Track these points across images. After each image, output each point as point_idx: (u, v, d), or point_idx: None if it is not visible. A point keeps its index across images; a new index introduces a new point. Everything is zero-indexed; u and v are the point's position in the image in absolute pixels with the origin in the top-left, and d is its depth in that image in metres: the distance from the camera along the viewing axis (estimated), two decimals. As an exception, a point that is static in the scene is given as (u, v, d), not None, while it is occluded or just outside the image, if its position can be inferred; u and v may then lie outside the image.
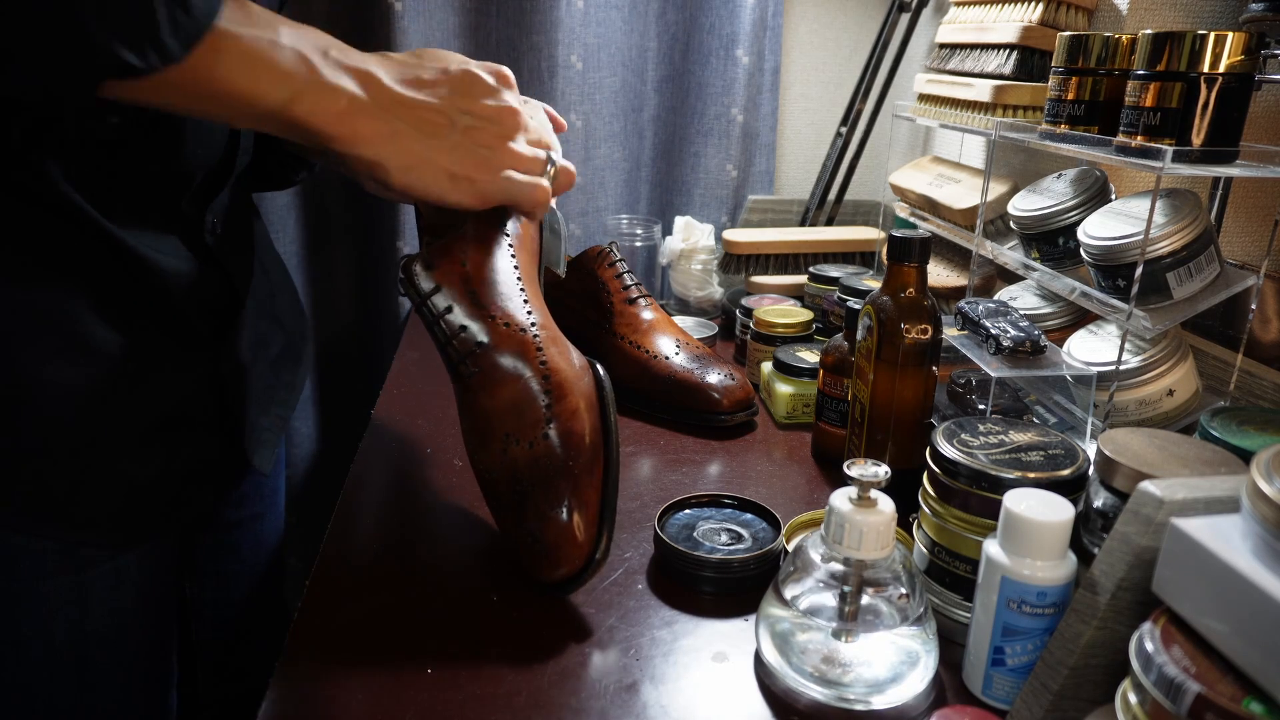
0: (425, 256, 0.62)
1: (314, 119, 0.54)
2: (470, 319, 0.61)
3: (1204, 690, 0.36)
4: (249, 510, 0.85)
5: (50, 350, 0.58)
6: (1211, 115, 0.66)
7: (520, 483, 0.58)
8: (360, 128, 0.56)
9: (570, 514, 0.57)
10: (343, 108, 0.55)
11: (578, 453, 0.58)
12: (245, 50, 0.50)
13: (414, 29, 1.17)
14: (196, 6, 0.47)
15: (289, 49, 0.52)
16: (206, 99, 0.51)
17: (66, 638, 0.63)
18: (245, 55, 0.50)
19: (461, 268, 0.62)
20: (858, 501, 0.52)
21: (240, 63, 0.50)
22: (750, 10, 1.29)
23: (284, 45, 0.52)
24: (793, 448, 0.85)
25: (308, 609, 0.58)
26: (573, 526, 0.57)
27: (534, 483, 0.58)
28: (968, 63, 0.99)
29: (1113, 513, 0.51)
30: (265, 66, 0.51)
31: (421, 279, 0.61)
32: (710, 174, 1.37)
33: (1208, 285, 0.71)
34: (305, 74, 0.53)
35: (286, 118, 0.53)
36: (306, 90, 0.53)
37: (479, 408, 0.60)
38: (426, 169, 0.59)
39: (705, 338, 1.02)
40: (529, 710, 0.51)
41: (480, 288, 0.62)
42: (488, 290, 0.62)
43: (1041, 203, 0.84)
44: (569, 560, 0.57)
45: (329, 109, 0.54)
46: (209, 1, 0.48)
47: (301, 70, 0.53)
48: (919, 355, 0.68)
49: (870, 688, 0.52)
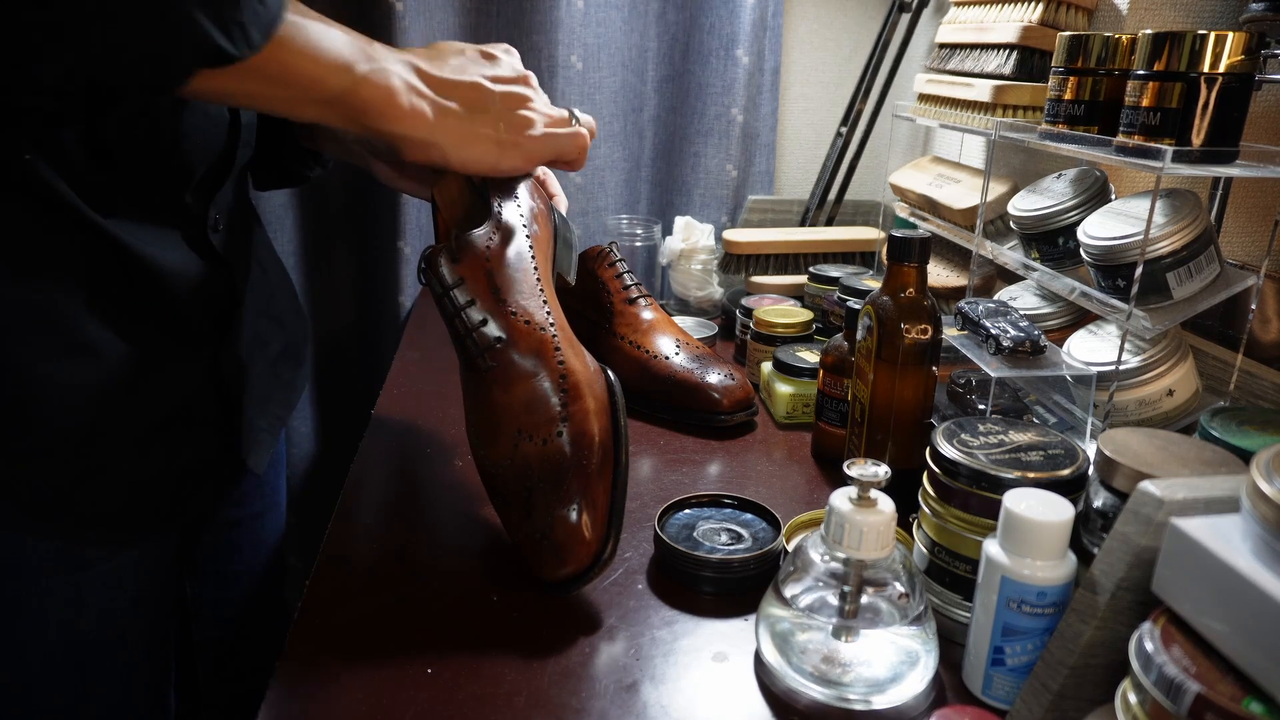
0: (451, 249, 0.63)
1: (376, 103, 0.57)
2: (491, 314, 0.62)
3: (1204, 690, 0.36)
4: (249, 510, 0.85)
5: (49, 348, 0.58)
6: (1211, 115, 0.66)
7: (530, 479, 0.58)
8: (417, 109, 0.59)
9: (580, 514, 0.58)
10: (400, 90, 0.58)
11: (589, 453, 0.58)
12: (311, 40, 0.53)
13: (414, 29, 1.17)
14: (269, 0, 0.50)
15: (344, 38, 0.56)
16: (278, 85, 0.54)
17: (64, 638, 0.63)
18: (312, 44, 0.53)
19: (486, 263, 0.63)
20: (858, 501, 0.52)
21: (308, 51, 0.53)
22: (750, 10, 1.29)
23: (339, 35, 0.55)
24: (793, 448, 0.85)
25: (308, 609, 0.58)
26: (581, 526, 0.57)
27: (544, 480, 0.58)
28: (968, 63, 0.99)
29: (1113, 513, 0.51)
30: (329, 54, 0.54)
31: (446, 271, 0.62)
32: (710, 174, 1.37)
33: (1208, 285, 0.71)
34: (364, 61, 0.56)
35: (350, 102, 0.56)
36: (369, 75, 0.56)
37: (492, 402, 0.60)
38: (477, 142, 0.62)
39: (705, 338, 1.02)
40: (529, 710, 0.51)
41: (503, 284, 0.63)
42: (510, 287, 0.63)
43: (1041, 203, 0.84)
44: (576, 559, 0.58)
45: (389, 92, 0.57)
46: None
47: (360, 58, 0.56)
48: (919, 355, 0.68)
49: (870, 687, 0.52)
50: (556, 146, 0.66)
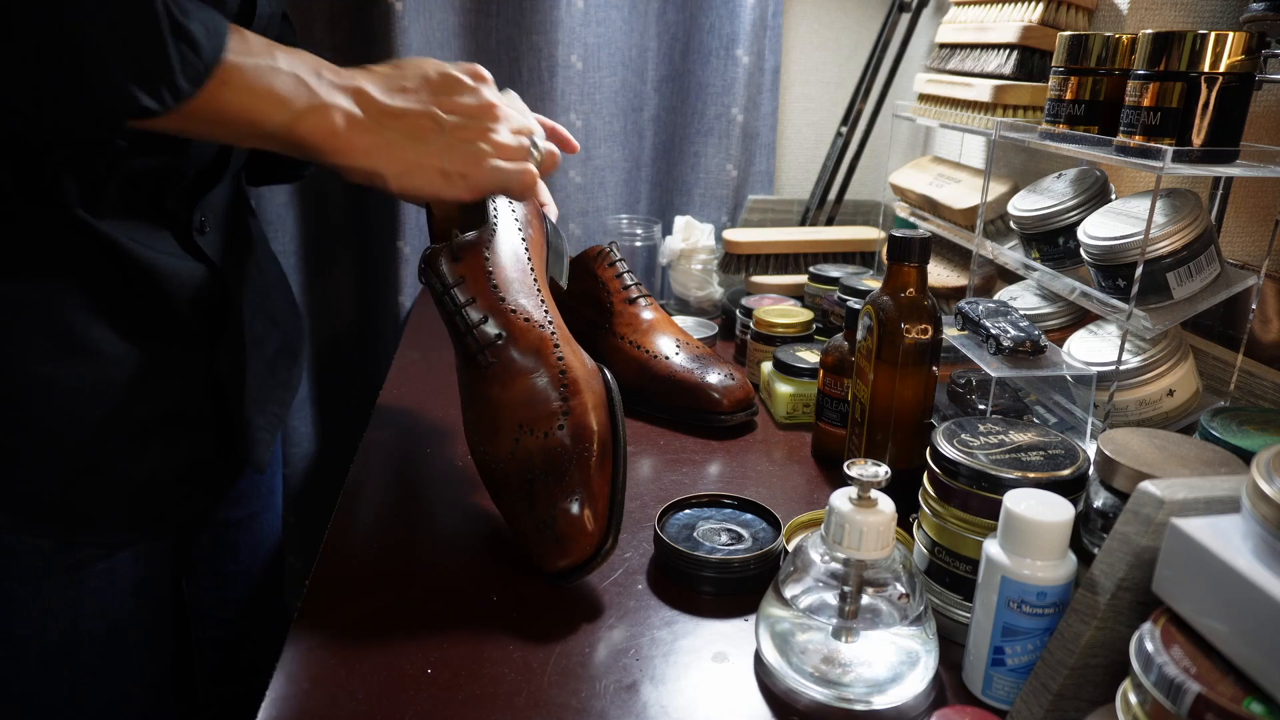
0: (453, 249, 0.64)
1: (315, 137, 0.57)
2: (491, 312, 0.63)
3: (1204, 690, 0.36)
4: (246, 509, 0.85)
5: (46, 349, 0.58)
6: (1212, 115, 0.66)
7: (532, 472, 0.59)
8: (357, 141, 0.59)
9: (582, 506, 0.59)
10: (340, 124, 0.58)
11: (589, 446, 0.60)
12: (249, 79, 0.53)
13: (414, 29, 1.17)
14: (204, 46, 0.50)
15: (287, 73, 0.55)
16: (215, 125, 0.54)
17: (61, 638, 0.63)
18: (249, 84, 0.53)
19: (485, 262, 0.64)
20: (858, 501, 0.52)
21: (245, 91, 0.53)
22: (750, 10, 1.29)
23: (283, 70, 0.55)
24: (793, 448, 0.85)
25: (307, 609, 0.58)
26: (583, 518, 0.59)
27: (546, 472, 0.59)
28: (968, 63, 0.99)
29: (1113, 513, 0.51)
30: (268, 92, 0.54)
31: (446, 270, 0.63)
32: (710, 174, 1.37)
33: (1208, 285, 0.71)
34: (305, 96, 0.56)
35: (289, 137, 0.56)
36: (307, 111, 0.56)
37: (493, 399, 0.61)
38: (420, 172, 0.62)
39: (705, 338, 1.02)
40: (529, 710, 0.51)
41: (501, 283, 0.64)
42: (509, 287, 0.64)
43: (1041, 203, 0.84)
44: (578, 550, 0.59)
45: (328, 127, 0.57)
46: (214, 39, 0.51)
47: (301, 93, 0.56)
48: (919, 355, 0.68)
49: (870, 688, 0.52)
50: (504, 181, 0.65)
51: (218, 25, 0.52)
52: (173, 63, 0.49)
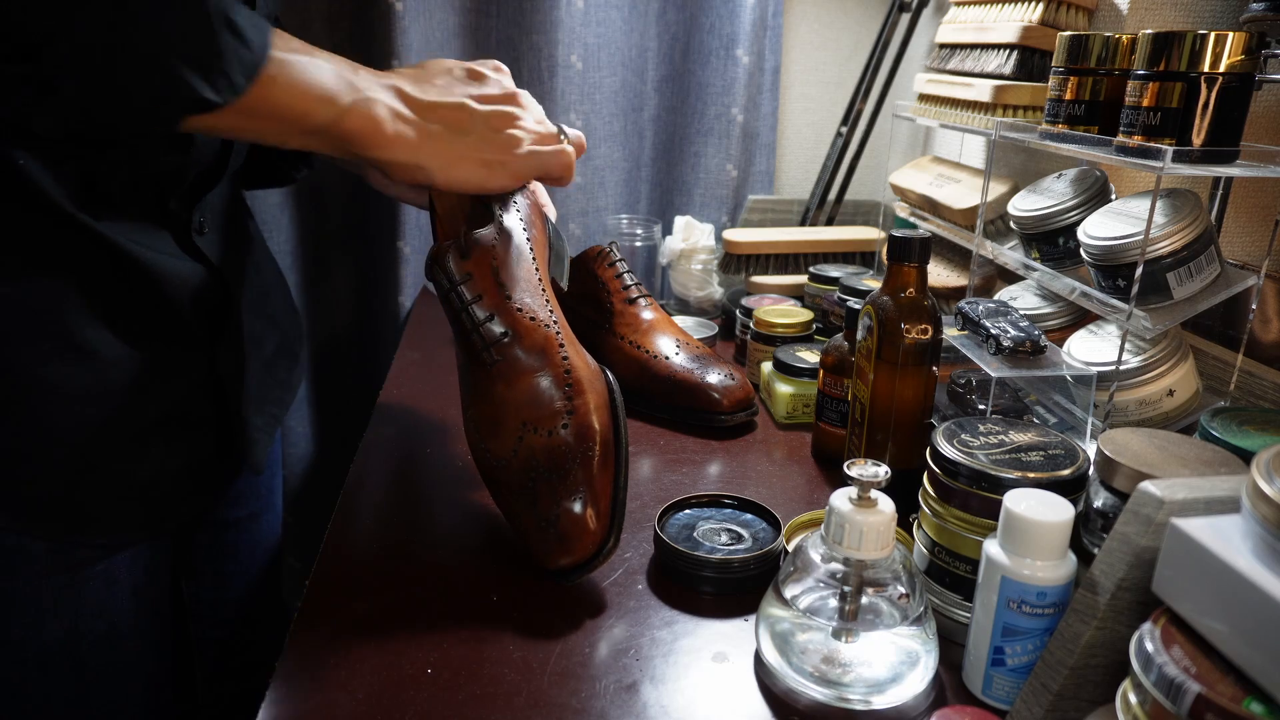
0: (461, 246, 0.64)
1: (362, 132, 0.58)
2: (497, 310, 0.63)
3: (1204, 690, 0.36)
4: (246, 510, 0.85)
5: (46, 350, 0.58)
6: (1212, 115, 0.66)
7: (535, 470, 0.60)
8: (403, 136, 0.60)
9: (585, 505, 0.59)
10: (386, 118, 0.59)
11: (592, 445, 0.60)
12: (296, 74, 0.54)
13: (414, 29, 1.17)
14: (253, 40, 0.51)
15: (329, 69, 0.56)
16: (268, 120, 0.55)
17: (61, 638, 0.63)
18: (296, 79, 0.54)
19: (492, 260, 0.65)
20: (858, 501, 0.52)
21: (293, 86, 0.54)
22: (750, 10, 1.29)
23: (325, 66, 0.56)
24: (793, 448, 0.85)
25: (308, 609, 0.58)
26: (586, 517, 0.59)
27: (550, 471, 0.59)
28: (968, 63, 0.99)
29: (1113, 513, 0.51)
30: (316, 86, 0.55)
31: (454, 266, 0.63)
32: (710, 174, 1.37)
33: (1208, 285, 0.71)
34: (349, 91, 0.57)
35: (336, 133, 0.57)
36: (352, 106, 0.57)
37: (497, 396, 0.61)
38: (463, 163, 0.63)
39: (705, 338, 1.02)
40: (529, 710, 0.51)
41: (508, 281, 0.64)
42: (515, 285, 0.64)
43: (1041, 203, 0.84)
44: (580, 548, 0.59)
45: (374, 121, 0.58)
46: (261, 34, 0.52)
47: (345, 88, 0.57)
48: (919, 355, 0.68)
49: (870, 688, 0.52)
50: (542, 164, 0.67)
51: (261, 21, 0.52)
52: (226, 54, 0.49)
